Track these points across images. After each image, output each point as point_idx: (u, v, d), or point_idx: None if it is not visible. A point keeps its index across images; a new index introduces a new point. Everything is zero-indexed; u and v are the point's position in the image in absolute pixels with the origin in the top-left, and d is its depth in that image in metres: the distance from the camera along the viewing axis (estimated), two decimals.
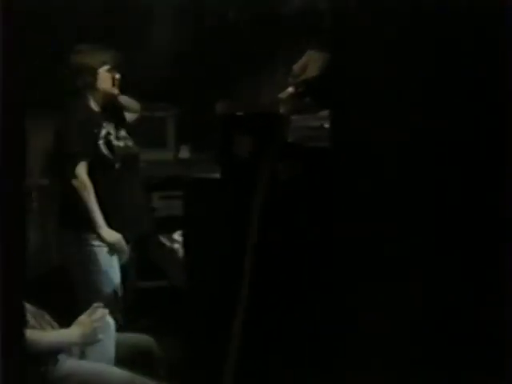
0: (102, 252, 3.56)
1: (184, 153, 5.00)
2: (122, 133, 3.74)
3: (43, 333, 2.66)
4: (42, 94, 3.96)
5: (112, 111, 3.73)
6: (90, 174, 3.55)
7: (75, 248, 3.56)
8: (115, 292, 3.60)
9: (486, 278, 2.02)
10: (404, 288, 2.07)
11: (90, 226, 3.52)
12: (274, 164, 2.33)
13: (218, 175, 2.48)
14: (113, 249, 3.56)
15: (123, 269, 3.72)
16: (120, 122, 3.77)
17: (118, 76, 3.68)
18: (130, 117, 3.82)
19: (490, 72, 1.97)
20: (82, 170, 3.53)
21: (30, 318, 2.66)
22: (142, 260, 4.13)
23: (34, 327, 2.65)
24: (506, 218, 1.98)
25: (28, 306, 2.70)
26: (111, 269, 3.60)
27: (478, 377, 2.04)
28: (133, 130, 3.92)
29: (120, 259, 3.62)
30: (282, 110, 2.43)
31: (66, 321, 2.80)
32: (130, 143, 3.75)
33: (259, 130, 2.42)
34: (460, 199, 2.02)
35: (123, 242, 3.59)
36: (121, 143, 3.68)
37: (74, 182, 3.52)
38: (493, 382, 2.03)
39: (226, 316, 2.44)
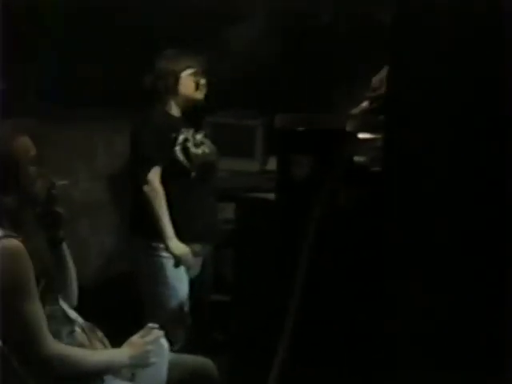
0: (170, 264, 3.44)
1: (272, 165, 4.81)
2: (201, 139, 3.61)
3: (92, 352, 2.51)
4: (123, 96, 3.93)
5: (193, 117, 3.59)
6: (164, 180, 3.43)
7: (143, 257, 3.46)
8: (181, 307, 3.47)
9: None
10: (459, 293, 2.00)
11: (159, 236, 3.40)
12: (335, 188, 2.14)
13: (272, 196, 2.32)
14: (179, 262, 3.43)
15: (194, 283, 3.59)
16: (200, 128, 3.65)
17: (202, 81, 3.55)
18: None
19: None
20: (154, 175, 3.40)
21: (79, 333, 2.55)
22: (214, 274, 3.98)
23: (82, 344, 2.54)
24: None
25: (79, 319, 2.59)
26: (179, 282, 3.47)
27: None
28: (216, 137, 3.80)
29: (188, 273, 3.49)
30: (349, 127, 2.22)
31: (119, 339, 2.69)
32: (207, 150, 3.61)
33: (321, 149, 2.22)
34: None
35: (190, 256, 3.45)
36: (199, 150, 3.54)
37: (146, 188, 3.40)
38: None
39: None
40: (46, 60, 4.13)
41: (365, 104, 2.38)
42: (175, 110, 3.56)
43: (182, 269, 3.48)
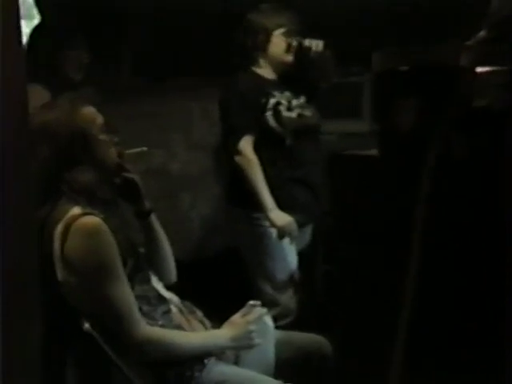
0: (275, 234, 3.23)
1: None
2: (299, 102, 3.34)
3: (189, 334, 2.33)
4: (212, 59, 3.74)
5: (286, 79, 3.34)
6: (258, 148, 3.21)
7: (245, 229, 3.28)
8: (290, 280, 3.27)
9: None
10: None
11: (259, 206, 3.19)
12: (449, 137, 1.85)
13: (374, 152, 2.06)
14: (283, 233, 3.21)
15: (303, 254, 3.38)
16: (298, 91, 3.40)
17: (294, 42, 3.30)
18: None
19: None
20: (246, 144, 3.20)
21: (176, 314, 2.35)
22: (325, 244, 3.74)
23: (179, 326, 2.34)
24: None
25: (175, 298, 2.41)
26: (286, 253, 3.27)
27: None
28: (321, 98, 3.54)
29: (295, 244, 3.27)
30: (463, 62, 1.88)
31: (221, 318, 2.51)
32: (308, 113, 3.35)
33: (430, 90, 1.90)
34: None
35: (294, 226, 3.22)
36: (293, 114, 3.28)
37: (238, 159, 3.21)
38: None
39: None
40: (135, 34, 4.03)
41: (482, 33, 2.04)
42: (267, 72, 3.33)
43: (288, 239, 3.26)
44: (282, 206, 3.21)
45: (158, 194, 3.94)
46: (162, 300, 2.35)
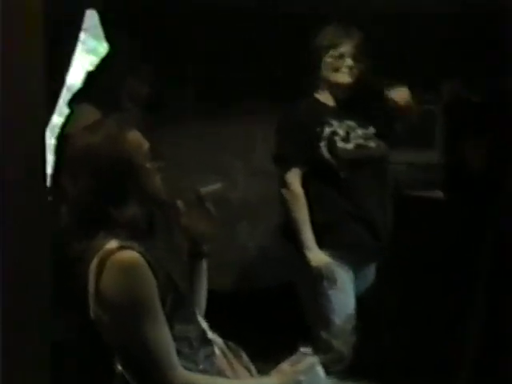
0: (337, 272, 3.06)
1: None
2: (364, 132, 3.15)
3: (234, 382, 2.17)
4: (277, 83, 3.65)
5: (349, 107, 3.18)
6: (306, 182, 3.07)
7: (298, 264, 3.09)
8: (345, 323, 3.08)
9: None
10: None
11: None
12: None
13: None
14: (318, 274, 3.03)
15: (363, 296, 3.18)
16: (365, 120, 3.20)
17: (349, 62, 3.11)
18: None
19: None
20: (293, 177, 3.06)
21: (219, 357, 2.19)
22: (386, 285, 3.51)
23: (222, 371, 2.17)
24: None
25: (219, 340, 2.24)
26: (342, 293, 3.08)
27: None
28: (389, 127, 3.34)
29: (330, 287, 3.06)
30: None
31: (269, 363, 2.34)
32: (372, 144, 3.16)
33: (503, 125, 1.71)
34: None
35: (332, 269, 3.03)
36: (349, 145, 3.10)
37: (283, 191, 3.08)
38: None
39: None
40: (199, 60, 3.98)
41: None
42: (328, 98, 3.18)
43: (346, 278, 3.09)
44: (334, 243, 3.06)
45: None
46: (205, 341, 2.19)
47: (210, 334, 2.23)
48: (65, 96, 3.46)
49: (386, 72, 3.08)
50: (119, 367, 2.03)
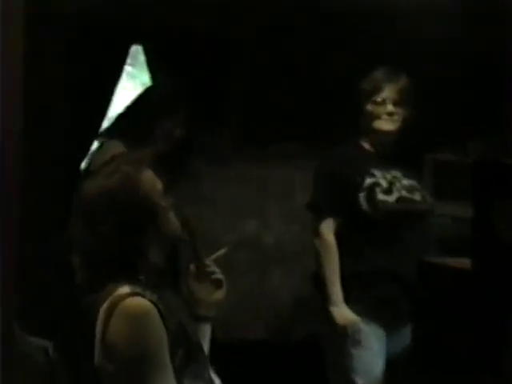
0: (363, 330, 2.88)
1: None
2: (409, 183, 3.02)
3: None
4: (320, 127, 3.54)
5: (393, 155, 3.03)
6: (341, 233, 2.93)
7: (325, 318, 2.93)
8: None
9: None
10: None
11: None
12: None
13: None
14: (343, 333, 2.87)
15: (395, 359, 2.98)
16: (406, 168, 3.07)
17: (390, 108, 2.95)
18: None
19: None
20: (327, 228, 2.93)
21: None
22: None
23: None
24: None
25: None
26: (371, 354, 2.90)
27: None
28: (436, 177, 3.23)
29: (355, 346, 2.89)
30: None
31: None
32: (417, 197, 2.99)
33: None
34: None
35: (358, 328, 2.87)
36: (390, 198, 2.93)
37: (315, 242, 2.95)
38: None
39: None
40: (239, 99, 3.94)
41: None
42: (370, 145, 3.03)
43: (373, 337, 2.91)
44: (364, 299, 2.91)
45: (247, 266, 3.86)
46: None
47: None
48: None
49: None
50: None
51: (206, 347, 2.12)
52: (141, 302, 1.87)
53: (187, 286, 2.16)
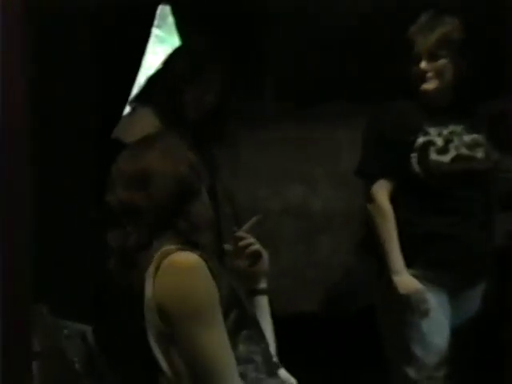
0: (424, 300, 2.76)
1: None
2: (471, 138, 2.86)
3: None
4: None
5: (453, 108, 2.85)
6: (396, 196, 2.81)
7: (381, 285, 2.84)
8: (435, 359, 2.78)
9: None
10: None
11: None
12: None
13: None
14: (407, 302, 2.75)
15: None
16: (468, 122, 2.87)
17: (424, 66, 2.80)
18: None
19: None
20: (380, 191, 2.82)
21: None
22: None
23: None
24: None
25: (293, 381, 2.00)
26: (432, 324, 2.78)
27: None
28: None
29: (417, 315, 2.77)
30: None
31: None
32: (479, 154, 2.84)
33: None
34: None
35: (423, 296, 2.75)
36: (445, 158, 2.79)
37: (369, 206, 2.84)
38: None
39: None
40: (278, 58, 3.78)
41: None
42: (424, 102, 2.85)
43: (436, 304, 2.78)
44: (425, 263, 2.79)
45: (294, 235, 3.75)
46: (275, 369, 1.95)
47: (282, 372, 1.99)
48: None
49: None
50: None
51: (267, 320, 2.08)
52: (190, 256, 1.82)
53: (230, 264, 2.10)
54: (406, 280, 2.76)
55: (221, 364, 1.78)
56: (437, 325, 2.80)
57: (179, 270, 1.80)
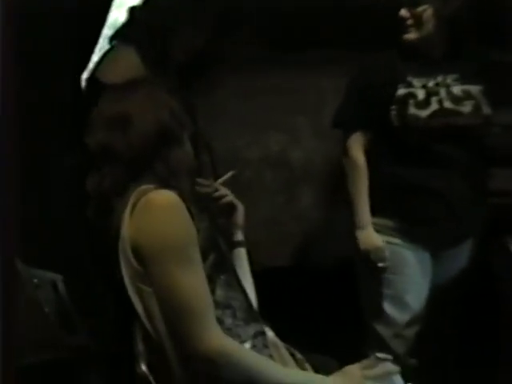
0: (398, 254, 2.78)
1: None
2: (460, 89, 2.77)
3: (283, 368, 1.87)
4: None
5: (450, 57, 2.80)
6: (374, 147, 2.81)
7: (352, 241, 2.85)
8: (402, 313, 2.78)
9: None
10: None
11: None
12: None
13: None
14: (365, 258, 2.77)
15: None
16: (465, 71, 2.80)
17: (403, 13, 2.76)
18: None
19: None
20: (355, 144, 2.81)
21: (271, 342, 1.94)
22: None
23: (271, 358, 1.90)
24: None
25: (271, 334, 1.97)
26: (400, 278, 2.78)
27: None
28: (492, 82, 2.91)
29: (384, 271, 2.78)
30: None
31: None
32: (466, 108, 2.76)
33: None
34: None
35: (382, 254, 2.76)
36: (424, 112, 2.73)
37: (344, 160, 2.84)
38: None
39: None
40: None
41: None
42: (411, 51, 2.80)
43: (411, 260, 2.78)
44: (401, 216, 2.78)
45: (274, 186, 3.68)
46: (254, 317, 1.95)
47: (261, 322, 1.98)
48: (106, 32, 3.10)
49: None
50: (142, 367, 1.83)
51: (247, 271, 2.09)
52: (167, 194, 1.80)
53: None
54: (367, 235, 2.77)
55: (198, 305, 1.75)
56: (411, 283, 2.78)
57: (157, 206, 1.77)
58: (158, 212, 1.76)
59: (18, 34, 1.79)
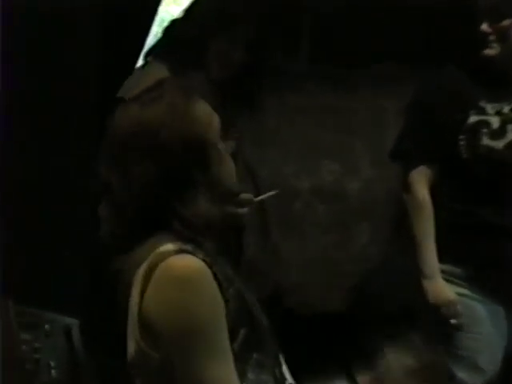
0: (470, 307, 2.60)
1: None
2: None
3: None
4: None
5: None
6: (437, 183, 2.63)
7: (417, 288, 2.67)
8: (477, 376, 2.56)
9: None
10: None
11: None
12: None
13: None
14: (437, 313, 2.59)
15: None
16: None
17: (484, 27, 2.58)
18: None
19: None
20: (418, 178, 2.64)
21: None
22: None
23: None
24: None
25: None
26: (473, 336, 2.59)
27: None
28: None
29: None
30: None
31: None
32: None
33: None
34: None
35: (455, 309, 2.58)
36: (500, 143, 2.54)
37: (406, 197, 2.67)
38: None
39: None
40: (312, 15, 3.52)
41: None
42: (482, 71, 2.62)
43: (484, 314, 2.60)
44: (473, 264, 2.59)
45: (327, 222, 3.48)
46: None
47: None
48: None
49: None
50: None
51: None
52: (191, 261, 1.54)
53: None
54: (437, 287, 2.60)
55: None
56: (485, 343, 2.60)
57: (177, 277, 1.52)
58: (179, 285, 1.51)
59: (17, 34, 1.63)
